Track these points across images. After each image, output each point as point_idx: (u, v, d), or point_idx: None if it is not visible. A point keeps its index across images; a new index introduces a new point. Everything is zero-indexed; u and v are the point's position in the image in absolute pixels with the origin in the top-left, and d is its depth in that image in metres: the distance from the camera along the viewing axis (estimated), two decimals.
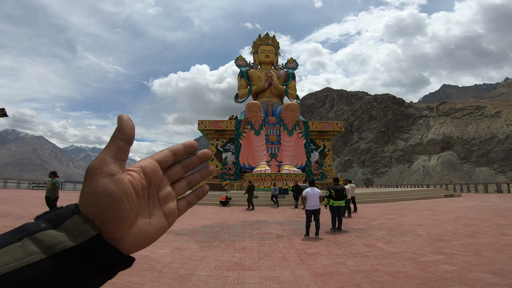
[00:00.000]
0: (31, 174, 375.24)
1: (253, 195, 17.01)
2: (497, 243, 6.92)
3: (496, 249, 6.39)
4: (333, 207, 9.22)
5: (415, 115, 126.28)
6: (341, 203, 9.18)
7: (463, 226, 9.56)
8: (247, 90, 33.56)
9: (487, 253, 6.08)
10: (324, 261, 5.80)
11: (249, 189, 16.58)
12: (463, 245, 6.84)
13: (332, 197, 9.18)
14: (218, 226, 10.29)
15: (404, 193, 24.75)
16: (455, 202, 19.62)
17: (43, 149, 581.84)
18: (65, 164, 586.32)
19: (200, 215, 13.63)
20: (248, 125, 29.22)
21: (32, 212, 11.52)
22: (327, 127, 32.33)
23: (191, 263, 5.55)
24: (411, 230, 9.11)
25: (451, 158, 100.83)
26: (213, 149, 31.16)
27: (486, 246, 6.65)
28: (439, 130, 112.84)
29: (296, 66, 36.60)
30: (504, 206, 16.08)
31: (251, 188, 16.60)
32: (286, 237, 8.31)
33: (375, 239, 7.84)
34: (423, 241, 7.44)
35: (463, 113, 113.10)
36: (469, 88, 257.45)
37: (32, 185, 36.58)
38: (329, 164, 32.39)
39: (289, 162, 28.61)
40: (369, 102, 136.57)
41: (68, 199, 19.67)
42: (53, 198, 10.23)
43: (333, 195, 9.17)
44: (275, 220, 12.03)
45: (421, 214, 13.12)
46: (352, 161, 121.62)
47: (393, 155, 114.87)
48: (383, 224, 10.40)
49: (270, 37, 36.09)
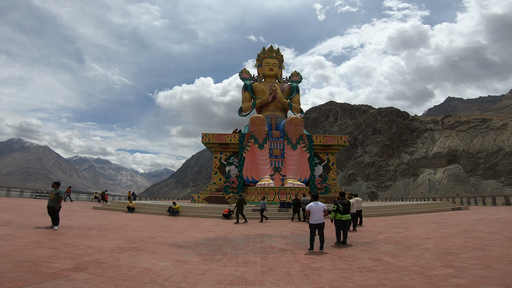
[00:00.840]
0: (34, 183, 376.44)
1: (243, 208, 16.68)
2: (508, 256, 6.73)
3: (507, 261, 6.20)
4: (340, 221, 9.19)
5: (420, 129, 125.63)
6: (348, 217, 9.22)
7: (472, 239, 9.31)
8: (251, 104, 33.77)
9: (498, 265, 5.90)
10: (329, 276, 5.65)
11: (239, 203, 16.36)
12: (473, 258, 6.64)
13: (339, 211, 9.16)
14: (220, 239, 10.13)
15: (410, 206, 24.31)
16: (462, 215, 19.18)
17: (48, 159, 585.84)
18: (69, 174, 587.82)
19: (202, 228, 13.46)
20: (252, 139, 29.25)
21: (34, 222, 11.49)
22: (331, 141, 32.22)
23: (193, 277, 5.44)
24: (419, 243, 8.88)
25: (457, 171, 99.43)
26: (216, 162, 31.12)
27: (497, 259, 6.45)
28: (444, 143, 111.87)
29: (300, 80, 36.89)
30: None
31: (241, 202, 16.38)
32: (290, 251, 8.14)
33: (381, 253, 7.64)
34: (431, 254, 7.23)
35: (469, 126, 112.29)
36: (474, 101, 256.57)
37: (35, 194, 36.53)
38: (333, 178, 32.08)
39: (293, 176, 28.41)
40: (373, 116, 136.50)
41: (70, 209, 19.61)
42: (57, 208, 10.26)
43: (341, 209, 9.16)
44: (278, 234, 11.83)
45: (428, 228, 12.81)
46: (356, 174, 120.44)
47: (398, 168, 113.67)
48: (389, 238, 10.16)
49: (274, 50, 36.58)
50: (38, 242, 7.62)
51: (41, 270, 5.11)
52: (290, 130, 29.50)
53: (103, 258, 6.39)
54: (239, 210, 16.29)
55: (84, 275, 5.06)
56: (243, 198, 16.82)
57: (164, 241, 9.32)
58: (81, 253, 6.76)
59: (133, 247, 7.99)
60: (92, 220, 14.37)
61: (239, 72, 36.18)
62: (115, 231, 10.84)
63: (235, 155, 30.78)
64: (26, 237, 8.17)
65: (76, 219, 14.04)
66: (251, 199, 25.47)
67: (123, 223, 13.80)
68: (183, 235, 10.90)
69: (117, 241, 8.70)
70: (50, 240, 8.00)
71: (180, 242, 9.29)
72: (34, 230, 9.42)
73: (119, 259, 6.47)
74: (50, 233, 9.14)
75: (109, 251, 7.17)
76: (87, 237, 9.11)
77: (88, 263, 5.91)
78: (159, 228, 12.70)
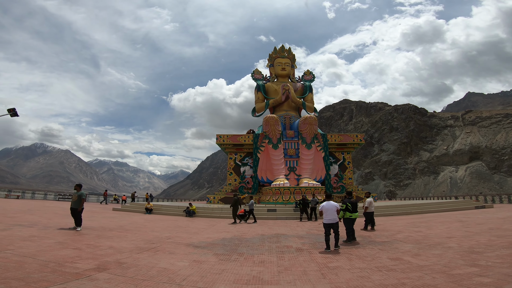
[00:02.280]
0: (57, 186, 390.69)
1: (238, 208, 16.70)
2: None
3: None
4: (350, 219, 9.39)
5: (439, 125, 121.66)
6: (356, 215, 9.43)
7: (498, 238, 8.95)
8: (264, 104, 33.76)
9: None
10: (347, 275, 5.56)
11: (234, 203, 16.39)
12: (499, 257, 6.38)
13: (348, 210, 9.33)
14: (236, 239, 10.18)
15: (431, 205, 23.59)
16: (487, 213, 18.45)
17: (69, 162, 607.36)
18: (89, 177, 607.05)
19: (218, 228, 13.57)
20: (266, 139, 29.24)
21: (57, 223, 11.93)
22: (346, 139, 31.75)
23: (209, 276, 5.49)
24: (441, 242, 8.60)
25: (480, 168, 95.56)
26: (231, 163, 31.30)
27: None
28: (465, 140, 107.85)
29: (313, 78, 36.56)
30: None
31: (236, 202, 16.39)
32: (306, 251, 8.08)
33: (401, 252, 7.46)
34: (455, 253, 7.00)
35: (491, 122, 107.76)
36: (496, 95, 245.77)
37: (58, 197, 37.95)
38: (349, 177, 31.59)
39: (308, 175, 28.17)
40: (389, 113, 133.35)
41: (91, 211, 20.26)
42: (80, 210, 10.63)
43: (350, 208, 9.36)
44: (294, 234, 11.77)
45: (451, 226, 12.38)
46: (373, 173, 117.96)
47: (416, 166, 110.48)
48: (409, 237, 9.90)
49: (286, 50, 36.43)
50: (62, 243, 7.91)
51: (65, 270, 5.30)
52: (304, 130, 29.28)
53: (123, 258, 6.56)
54: (234, 210, 16.32)
55: (106, 275, 5.21)
56: (238, 198, 16.88)
57: (181, 241, 9.47)
58: (103, 253, 6.97)
59: (152, 247, 8.16)
60: (112, 221, 14.78)
61: (251, 73, 36.25)
62: (134, 232, 11.11)
63: (249, 156, 30.85)
64: (50, 238, 8.50)
65: (97, 220, 14.50)
66: (266, 199, 25.46)
67: (142, 224, 14.12)
68: (199, 235, 11.03)
69: (136, 242, 8.91)
70: (73, 241, 8.29)
71: (197, 242, 9.40)
72: (58, 231, 9.79)
73: (139, 259, 6.63)
74: (73, 234, 9.48)
75: (129, 252, 7.36)
76: (108, 237, 9.38)
77: (109, 263, 6.08)
78: (176, 229, 12.90)
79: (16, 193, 35.50)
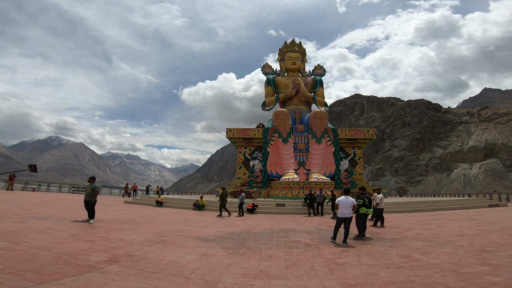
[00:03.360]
0: (71, 179, 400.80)
1: (226, 201, 16.82)
2: None
3: None
4: (365, 214, 9.43)
5: (454, 121, 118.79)
6: (371, 211, 9.70)
7: (511, 237, 8.77)
8: (274, 98, 33.60)
9: None
10: (355, 272, 5.55)
11: (222, 196, 16.50)
12: (511, 256, 6.27)
13: (366, 205, 9.43)
14: (245, 234, 10.27)
15: (443, 202, 23.16)
16: (501, 212, 18.03)
17: (83, 155, 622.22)
18: (102, 169, 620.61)
19: (227, 222, 13.70)
20: (275, 133, 29.17)
21: (71, 215, 12.27)
22: (357, 134, 31.35)
23: (217, 270, 5.57)
24: (452, 240, 8.47)
25: (495, 166, 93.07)
26: (241, 157, 31.40)
27: None
28: (481, 136, 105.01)
29: (323, 73, 36.11)
30: None
31: (223, 195, 16.50)
32: (315, 246, 8.09)
33: (410, 250, 7.39)
34: (465, 252, 6.89)
35: (508, 118, 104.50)
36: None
37: (72, 189, 38.95)
38: (360, 172, 31.26)
39: (318, 170, 28.02)
40: (402, 108, 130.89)
41: (104, 203, 20.74)
42: (93, 202, 10.89)
43: (367, 203, 9.50)
44: (303, 229, 11.78)
45: (463, 224, 12.16)
46: (384, 169, 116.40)
47: (429, 163, 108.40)
48: (420, 234, 9.77)
49: (296, 44, 36.02)
50: (76, 235, 8.14)
51: (78, 263, 5.45)
52: (315, 124, 29.05)
53: (133, 251, 6.71)
54: (222, 202, 16.43)
55: (117, 268, 5.34)
56: (226, 191, 16.95)
57: (191, 234, 9.61)
58: (114, 246, 7.14)
59: (161, 240, 8.31)
60: (123, 214, 15.11)
61: (261, 67, 36.06)
62: (144, 225, 11.33)
63: (259, 150, 30.87)
64: (65, 230, 8.76)
65: (109, 213, 14.84)
66: (275, 193, 25.50)
67: (152, 217, 14.38)
68: (208, 229, 11.17)
69: (146, 235, 9.09)
70: (86, 233, 8.52)
71: (206, 236, 9.52)
72: (72, 224, 10.08)
73: (148, 252, 6.77)
74: (86, 227, 9.74)
75: (139, 244, 7.52)
76: (119, 230, 9.60)
77: (120, 255, 6.23)
78: (185, 222, 13.10)
79: (32, 185, 36.60)
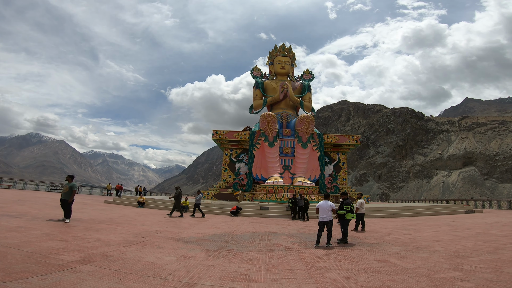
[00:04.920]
0: (50, 177, 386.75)
1: (180, 201, 16.75)
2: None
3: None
4: (348, 220, 9.56)
5: (435, 130, 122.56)
6: (351, 216, 9.58)
7: (484, 242, 9.09)
8: (262, 101, 33.71)
9: (509, 269, 5.75)
10: (333, 276, 5.58)
11: (177, 196, 16.44)
12: (483, 262, 6.48)
13: (351, 211, 9.52)
14: (227, 236, 10.18)
15: (421, 208, 23.80)
16: (476, 218, 18.72)
17: (64, 153, 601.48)
18: (83, 168, 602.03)
19: (209, 224, 13.57)
20: (262, 136, 29.23)
21: (47, 214, 11.84)
22: (342, 140, 31.84)
23: (196, 272, 5.48)
24: (428, 245, 8.71)
25: (473, 174, 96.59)
26: (226, 159, 31.27)
27: (508, 263, 6.30)
28: (460, 145, 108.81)
29: (312, 78, 36.52)
30: None
31: (179, 195, 16.47)
32: (296, 250, 8.11)
33: (388, 254, 7.52)
34: (440, 257, 7.08)
35: (487, 128, 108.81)
36: (493, 102, 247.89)
37: (50, 188, 37.68)
38: (344, 177, 31.74)
39: (303, 174, 28.24)
40: (386, 116, 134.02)
41: (83, 202, 20.12)
42: (70, 201, 10.52)
43: (352, 209, 9.62)
44: (285, 232, 11.80)
45: (439, 230, 12.55)
46: (367, 175, 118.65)
47: (411, 170, 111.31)
48: (398, 239, 9.99)
49: (287, 48, 36.30)
50: (49, 234, 7.84)
51: (49, 262, 5.24)
52: (301, 129, 29.30)
53: (110, 251, 6.52)
54: (177, 202, 16.33)
55: (90, 268, 5.17)
56: (180, 191, 16.92)
57: (171, 236, 9.44)
58: (89, 245, 6.92)
59: (140, 241, 8.13)
60: (102, 213, 14.71)
61: (251, 70, 36.15)
62: (124, 225, 11.06)
63: (245, 153, 30.84)
64: (38, 229, 8.42)
65: (87, 212, 14.40)
66: (260, 196, 25.49)
67: (132, 217, 14.07)
68: (190, 230, 11.01)
69: (125, 235, 8.87)
70: (60, 233, 8.21)
71: (187, 237, 9.38)
72: (46, 223, 9.71)
73: (126, 252, 6.59)
74: (61, 226, 9.40)
75: (117, 245, 7.32)
76: (97, 230, 9.32)
77: (95, 255, 6.04)
78: (167, 223, 12.87)
79: (7, 183, 35.14)
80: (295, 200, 18.08)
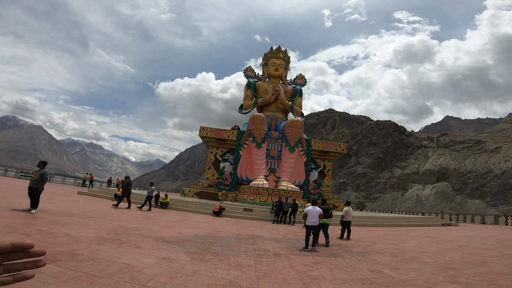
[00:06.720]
0: (22, 163, 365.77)
1: (130, 192, 16.20)
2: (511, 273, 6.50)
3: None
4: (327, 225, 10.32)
5: (414, 144, 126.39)
6: (326, 221, 10.21)
7: (470, 255, 9.09)
8: (253, 102, 33.13)
9: (505, 282, 5.64)
10: (330, 287, 5.12)
11: (127, 185, 15.91)
12: (476, 274, 6.37)
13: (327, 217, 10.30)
14: (210, 237, 9.53)
15: (402, 219, 24.13)
16: (453, 231, 19.20)
17: (40, 139, 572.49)
18: (58, 156, 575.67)
19: (191, 223, 12.84)
20: (250, 137, 28.64)
21: (11, 203, 10.70)
22: (329, 147, 31.79)
23: (180, 278, 4.83)
24: (416, 256, 8.59)
25: (445, 189, 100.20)
26: (211, 157, 30.44)
27: (501, 276, 6.22)
28: (436, 161, 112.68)
29: (304, 83, 36.26)
30: (505, 237, 15.70)
31: (128, 185, 15.98)
32: (285, 256, 7.60)
33: (380, 265, 7.23)
34: (432, 268, 6.92)
35: (463, 146, 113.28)
36: (471, 121, 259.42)
37: (20, 174, 35.32)
38: (327, 184, 31.69)
39: (288, 178, 27.87)
40: (370, 128, 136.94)
41: (53, 192, 18.75)
42: (39, 190, 9.49)
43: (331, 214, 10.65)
44: (270, 237, 11.28)
45: (422, 241, 12.59)
46: (347, 184, 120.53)
47: (388, 181, 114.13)
48: (385, 249, 9.77)
49: (282, 51, 35.91)
50: (9, 226, 6.88)
51: None
52: (290, 132, 28.96)
53: (79, 250, 5.72)
54: (125, 193, 15.78)
55: (54, 268, 4.39)
56: (130, 181, 16.46)
57: (150, 234, 8.69)
58: (56, 242, 6.06)
59: (115, 239, 7.33)
60: (74, 205, 13.59)
61: (244, 70, 35.51)
62: (97, 220, 10.13)
63: (231, 152, 30.13)
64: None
65: (57, 204, 13.23)
66: (244, 198, 24.87)
67: (108, 212, 13.08)
68: (170, 229, 10.26)
69: (98, 231, 8.01)
70: (23, 225, 7.24)
71: (168, 237, 8.66)
72: (8, 213, 8.66)
73: (98, 251, 5.82)
74: (25, 217, 8.39)
75: (88, 242, 6.50)
76: (66, 224, 8.39)
77: (61, 254, 5.23)
78: (145, 220, 12.03)
79: None
80: (280, 204, 17.64)
